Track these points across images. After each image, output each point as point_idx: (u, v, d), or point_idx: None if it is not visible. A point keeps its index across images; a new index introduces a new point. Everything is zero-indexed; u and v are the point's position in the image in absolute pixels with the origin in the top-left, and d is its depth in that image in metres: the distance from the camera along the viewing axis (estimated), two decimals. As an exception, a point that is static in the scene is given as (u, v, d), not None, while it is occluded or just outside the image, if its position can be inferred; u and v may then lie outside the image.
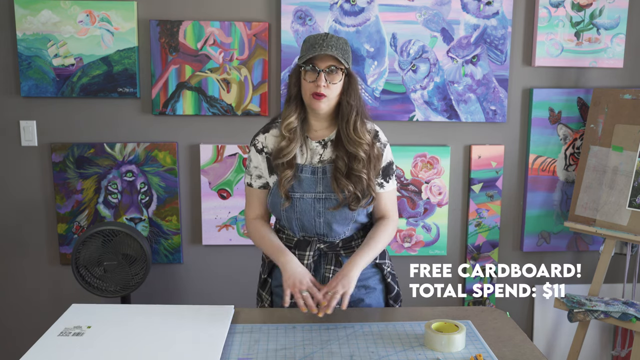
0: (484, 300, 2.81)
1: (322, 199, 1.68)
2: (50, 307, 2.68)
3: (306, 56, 1.58)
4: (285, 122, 1.65)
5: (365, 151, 1.65)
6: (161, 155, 2.60)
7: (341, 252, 1.74)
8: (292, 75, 1.67)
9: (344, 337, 1.54)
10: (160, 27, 2.51)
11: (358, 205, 1.68)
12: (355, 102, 1.64)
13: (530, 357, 1.44)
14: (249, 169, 1.76)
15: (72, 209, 2.61)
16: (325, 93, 1.59)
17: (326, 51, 1.56)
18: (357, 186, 1.65)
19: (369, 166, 1.67)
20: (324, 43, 1.58)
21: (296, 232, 1.73)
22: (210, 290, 2.73)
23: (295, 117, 1.65)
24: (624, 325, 2.32)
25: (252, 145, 1.74)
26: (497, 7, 2.59)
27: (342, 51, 1.60)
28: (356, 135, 1.64)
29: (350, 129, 1.64)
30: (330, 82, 1.59)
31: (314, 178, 1.68)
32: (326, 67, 1.59)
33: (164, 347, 1.44)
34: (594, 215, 2.53)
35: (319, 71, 1.58)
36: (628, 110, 2.50)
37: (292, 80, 1.66)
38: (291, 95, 1.67)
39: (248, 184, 1.78)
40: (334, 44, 1.58)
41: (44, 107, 2.56)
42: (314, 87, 1.59)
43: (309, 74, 1.60)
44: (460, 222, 2.77)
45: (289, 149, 1.65)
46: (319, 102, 1.60)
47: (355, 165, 1.65)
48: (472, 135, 2.71)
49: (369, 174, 1.67)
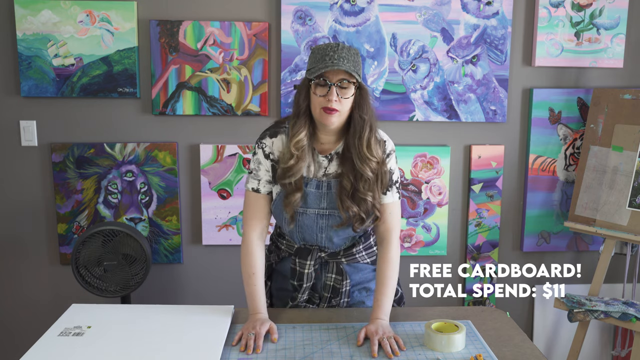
0: (484, 300, 2.81)
1: (325, 215, 1.64)
2: (50, 307, 2.68)
3: (317, 70, 1.50)
4: (294, 139, 1.56)
5: (374, 170, 1.58)
6: (161, 155, 2.60)
7: (342, 260, 1.72)
8: (301, 88, 1.58)
9: (344, 337, 1.54)
10: (160, 27, 2.50)
11: (362, 226, 1.63)
12: (368, 115, 1.56)
13: (530, 357, 1.45)
14: (257, 174, 1.65)
15: (72, 209, 2.61)
16: (337, 108, 1.51)
17: (338, 65, 1.48)
18: (362, 207, 1.59)
19: (375, 186, 1.60)
20: (335, 55, 1.49)
21: (297, 241, 1.71)
22: (210, 290, 2.73)
23: (304, 134, 1.57)
24: (624, 325, 2.32)
25: (260, 148, 1.65)
26: (497, 7, 2.59)
27: (354, 63, 1.52)
28: (369, 152, 1.56)
29: (364, 146, 1.56)
30: (342, 97, 1.51)
31: (319, 193, 1.62)
32: (337, 80, 1.50)
33: (164, 347, 1.44)
34: (594, 215, 2.53)
35: (330, 85, 1.50)
36: (628, 110, 2.50)
37: (302, 95, 1.57)
38: (300, 110, 1.57)
39: (254, 190, 1.65)
40: (345, 56, 1.50)
41: (44, 107, 2.56)
42: (324, 101, 1.51)
43: (320, 88, 1.52)
44: (460, 222, 2.77)
45: (297, 167, 1.57)
46: (331, 117, 1.52)
47: (361, 186, 1.58)
48: (472, 135, 2.71)
49: (375, 194, 1.60)
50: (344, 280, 1.71)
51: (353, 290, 1.76)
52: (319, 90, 1.52)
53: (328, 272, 1.72)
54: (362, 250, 1.75)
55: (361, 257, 1.75)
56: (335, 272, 1.71)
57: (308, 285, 1.71)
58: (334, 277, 1.71)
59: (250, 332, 1.50)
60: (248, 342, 1.47)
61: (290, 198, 1.60)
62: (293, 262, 1.70)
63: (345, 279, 1.71)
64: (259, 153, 1.65)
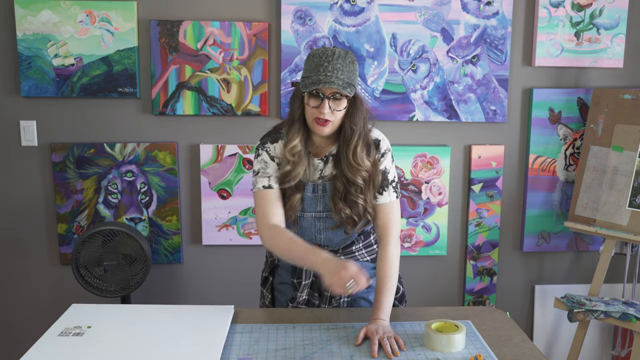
0: (484, 300, 2.81)
1: (322, 218, 1.67)
2: (50, 307, 2.68)
3: (310, 84, 1.50)
4: (289, 145, 1.58)
5: (364, 178, 1.60)
6: (161, 155, 2.60)
7: (341, 258, 1.73)
8: (295, 97, 1.60)
9: (344, 337, 1.54)
10: (160, 27, 2.50)
11: (354, 229, 1.65)
12: (359, 125, 1.57)
13: (530, 357, 1.45)
14: (266, 171, 1.64)
15: (72, 209, 2.61)
16: (329, 119, 1.53)
17: (330, 80, 1.48)
18: (354, 210, 1.62)
19: (367, 190, 1.62)
20: (329, 66, 1.49)
21: None
22: (210, 290, 2.73)
23: (299, 140, 1.58)
24: (624, 325, 2.32)
25: (264, 150, 1.65)
26: (497, 7, 2.59)
27: (349, 74, 1.51)
28: (355, 162, 1.57)
29: (350, 154, 1.58)
30: (335, 109, 1.53)
31: (315, 196, 1.65)
32: (330, 93, 1.51)
33: (164, 347, 1.44)
34: (594, 215, 2.53)
35: (323, 98, 1.51)
36: (628, 110, 2.50)
37: (296, 103, 1.59)
38: (295, 117, 1.59)
39: (265, 187, 1.64)
40: (340, 67, 1.50)
41: (44, 107, 2.56)
42: (317, 112, 1.53)
43: (313, 99, 1.53)
44: (460, 222, 2.77)
45: (295, 172, 1.59)
46: (323, 128, 1.54)
47: (352, 189, 1.60)
48: (472, 135, 2.71)
49: (366, 198, 1.62)
50: None
51: None
52: (312, 102, 1.53)
53: None
54: (362, 248, 1.76)
55: (361, 255, 1.76)
56: None
57: (307, 282, 1.72)
58: None
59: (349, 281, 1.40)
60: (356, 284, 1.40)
61: (291, 200, 1.62)
62: None
63: None
64: (263, 154, 1.65)
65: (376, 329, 1.50)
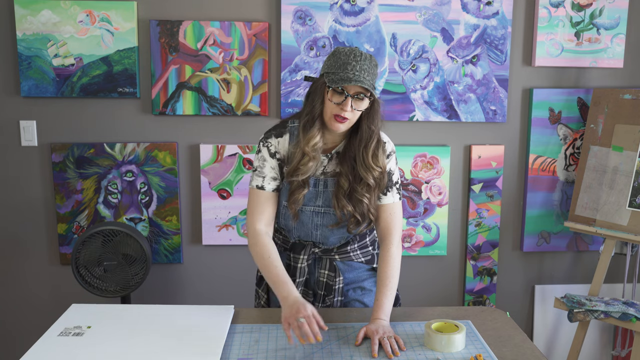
0: (484, 300, 2.81)
1: (320, 213, 1.67)
2: (50, 307, 2.68)
3: (337, 80, 1.51)
4: (311, 142, 1.58)
5: (376, 178, 1.61)
6: (161, 155, 2.60)
7: (336, 257, 1.74)
8: (317, 92, 1.58)
9: (344, 337, 1.54)
10: (160, 27, 2.50)
11: (357, 228, 1.66)
12: (377, 127, 1.60)
13: (530, 357, 1.44)
14: (262, 170, 1.65)
15: (72, 209, 2.61)
16: (348, 117, 1.54)
17: (359, 79, 1.50)
18: (357, 208, 1.62)
19: (373, 190, 1.63)
20: (357, 66, 1.51)
21: (292, 236, 1.73)
22: (210, 290, 2.73)
23: (319, 137, 1.59)
24: (624, 325, 2.32)
25: (264, 146, 1.66)
26: (497, 7, 2.59)
27: (373, 76, 1.54)
28: (374, 162, 1.60)
29: (369, 156, 1.59)
30: (356, 108, 1.54)
31: (315, 191, 1.65)
32: (355, 92, 1.52)
33: (163, 347, 1.44)
34: (594, 215, 2.53)
35: (347, 96, 1.52)
36: (628, 110, 2.50)
37: (318, 97, 1.57)
38: (315, 113, 1.58)
39: (258, 187, 1.66)
40: (366, 68, 1.52)
41: (44, 107, 2.56)
42: (338, 109, 1.53)
43: (336, 96, 1.53)
44: (460, 222, 2.77)
45: (308, 166, 1.59)
46: (340, 125, 1.55)
47: (359, 188, 1.61)
48: (472, 135, 2.71)
49: (371, 197, 1.63)
50: (336, 277, 1.73)
51: (347, 289, 1.77)
52: (335, 98, 1.53)
53: (321, 269, 1.74)
54: (357, 249, 1.76)
55: (355, 256, 1.76)
56: (328, 268, 1.73)
57: (301, 280, 1.73)
58: (326, 274, 1.73)
59: (299, 319, 1.41)
60: (303, 329, 1.39)
61: (296, 194, 1.62)
62: (287, 257, 1.74)
63: (338, 276, 1.73)
64: (263, 151, 1.66)
65: (376, 328, 1.50)
